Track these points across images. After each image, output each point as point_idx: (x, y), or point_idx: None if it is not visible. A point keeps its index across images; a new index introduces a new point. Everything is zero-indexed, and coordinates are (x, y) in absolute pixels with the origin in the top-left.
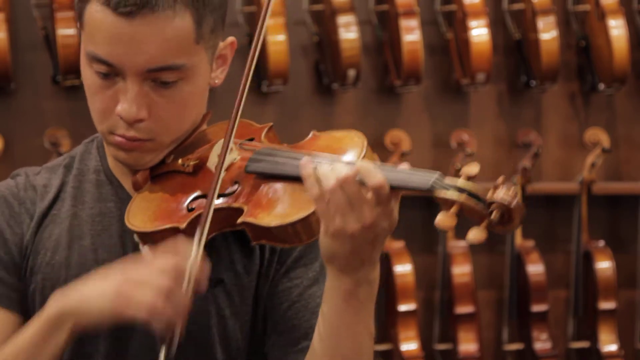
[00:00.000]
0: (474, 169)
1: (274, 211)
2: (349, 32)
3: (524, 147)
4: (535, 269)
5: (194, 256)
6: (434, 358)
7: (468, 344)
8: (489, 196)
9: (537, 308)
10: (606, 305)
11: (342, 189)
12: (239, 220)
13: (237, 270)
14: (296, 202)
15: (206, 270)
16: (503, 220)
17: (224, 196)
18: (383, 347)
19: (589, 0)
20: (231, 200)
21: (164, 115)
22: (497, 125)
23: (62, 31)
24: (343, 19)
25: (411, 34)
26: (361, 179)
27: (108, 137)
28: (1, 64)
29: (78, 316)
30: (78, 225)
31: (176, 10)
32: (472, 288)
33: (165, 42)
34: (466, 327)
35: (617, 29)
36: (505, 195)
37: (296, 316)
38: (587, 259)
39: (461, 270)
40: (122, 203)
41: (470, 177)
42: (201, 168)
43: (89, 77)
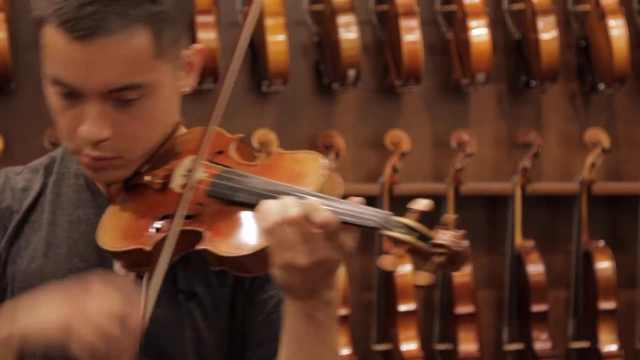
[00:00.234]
0: (424, 205)
1: (230, 241)
2: (349, 32)
3: (524, 147)
4: (535, 269)
5: (142, 306)
6: (434, 358)
7: (468, 344)
8: (436, 237)
9: (537, 308)
10: (606, 305)
11: (289, 226)
12: (198, 247)
13: (211, 283)
14: (253, 232)
15: (142, 325)
16: (449, 264)
17: (187, 218)
18: (383, 347)
19: (589, 0)
20: (194, 223)
21: (128, 133)
22: (497, 125)
23: None
24: (343, 19)
25: (411, 34)
26: (308, 216)
27: (76, 156)
28: (1, 64)
29: (24, 340)
30: (55, 232)
31: (131, 29)
32: (472, 288)
33: (122, 63)
34: (466, 327)
35: (617, 29)
36: (454, 238)
37: (273, 328)
38: (587, 259)
39: (461, 270)
40: (100, 210)
41: (422, 213)
42: (167, 186)
43: (52, 97)
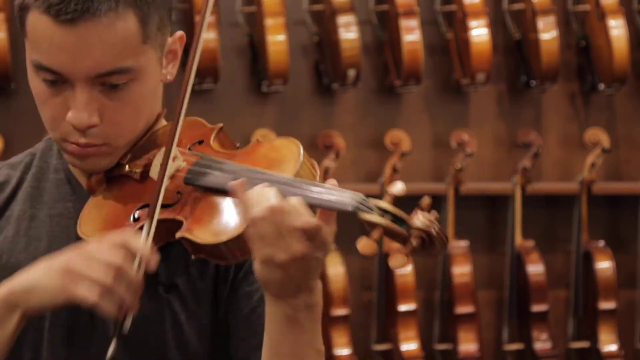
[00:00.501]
0: (399, 189)
1: (208, 228)
2: (349, 32)
3: (524, 147)
4: (535, 269)
5: (143, 238)
6: (434, 358)
7: (468, 344)
8: (411, 219)
9: (537, 308)
10: (606, 305)
11: (268, 220)
12: (177, 235)
13: (191, 274)
14: (230, 219)
15: (155, 257)
16: (424, 246)
17: (166, 207)
18: (383, 347)
19: (589, 0)
20: (173, 212)
21: (116, 119)
22: (497, 125)
23: None
24: (343, 19)
25: (411, 34)
26: (288, 215)
27: (62, 144)
28: (1, 64)
29: (26, 297)
30: (36, 227)
31: (119, 12)
32: (472, 288)
33: (110, 46)
34: (466, 327)
35: (617, 29)
36: (427, 220)
37: (258, 320)
38: (587, 259)
39: (461, 270)
40: (80, 203)
41: (396, 197)
42: (147, 175)
43: (36, 86)
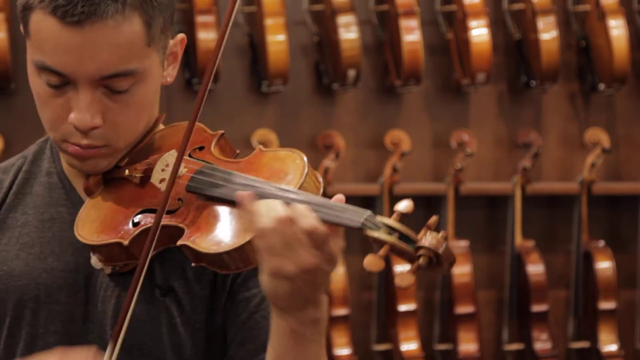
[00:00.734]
0: (407, 207)
1: (210, 237)
2: (349, 32)
3: (524, 147)
4: (535, 269)
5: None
6: (434, 358)
7: (468, 344)
8: (419, 238)
9: (537, 308)
10: (606, 305)
11: (277, 231)
12: (179, 242)
13: (187, 278)
14: (233, 229)
15: None
16: (432, 266)
17: (168, 213)
18: (383, 347)
19: (589, 0)
20: (174, 218)
21: (118, 121)
22: (497, 125)
23: None
24: (343, 19)
25: (411, 34)
26: (295, 222)
27: (62, 145)
28: (1, 64)
29: None
30: (27, 233)
31: (125, 15)
32: (472, 288)
33: (116, 49)
34: (466, 327)
35: (617, 29)
36: (435, 240)
37: (256, 327)
38: (587, 259)
39: (461, 270)
40: (74, 208)
41: (404, 215)
42: (147, 180)
43: (38, 86)
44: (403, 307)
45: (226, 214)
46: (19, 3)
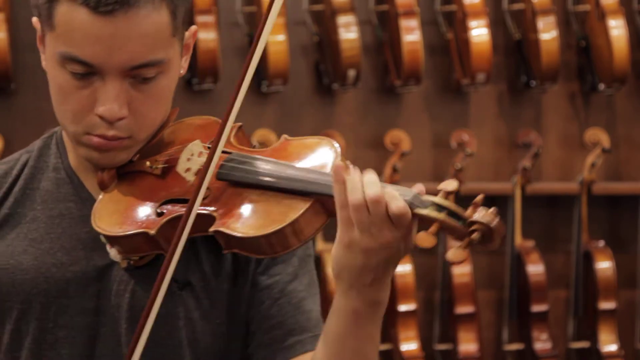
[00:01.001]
0: (452, 185)
1: (247, 222)
2: (349, 32)
3: (524, 147)
4: (535, 269)
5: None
6: (434, 358)
7: (468, 344)
8: (468, 215)
9: (537, 308)
10: (606, 305)
11: (369, 207)
12: (211, 229)
13: (204, 272)
14: (270, 213)
15: None
16: (484, 240)
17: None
18: (383, 347)
19: (589, 0)
20: (205, 206)
21: (143, 111)
22: (497, 125)
23: None
24: (343, 19)
25: (411, 34)
26: (386, 203)
27: (83, 137)
28: (1, 64)
29: None
30: (36, 228)
31: (155, 4)
32: (472, 288)
33: (145, 38)
34: (466, 327)
35: (617, 29)
36: (487, 215)
37: (280, 313)
38: (587, 259)
39: (461, 270)
40: (82, 203)
41: (449, 193)
42: (170, 171)
43: (61, 79)
44: (403, 307)
45: (261, 198)
46: None
